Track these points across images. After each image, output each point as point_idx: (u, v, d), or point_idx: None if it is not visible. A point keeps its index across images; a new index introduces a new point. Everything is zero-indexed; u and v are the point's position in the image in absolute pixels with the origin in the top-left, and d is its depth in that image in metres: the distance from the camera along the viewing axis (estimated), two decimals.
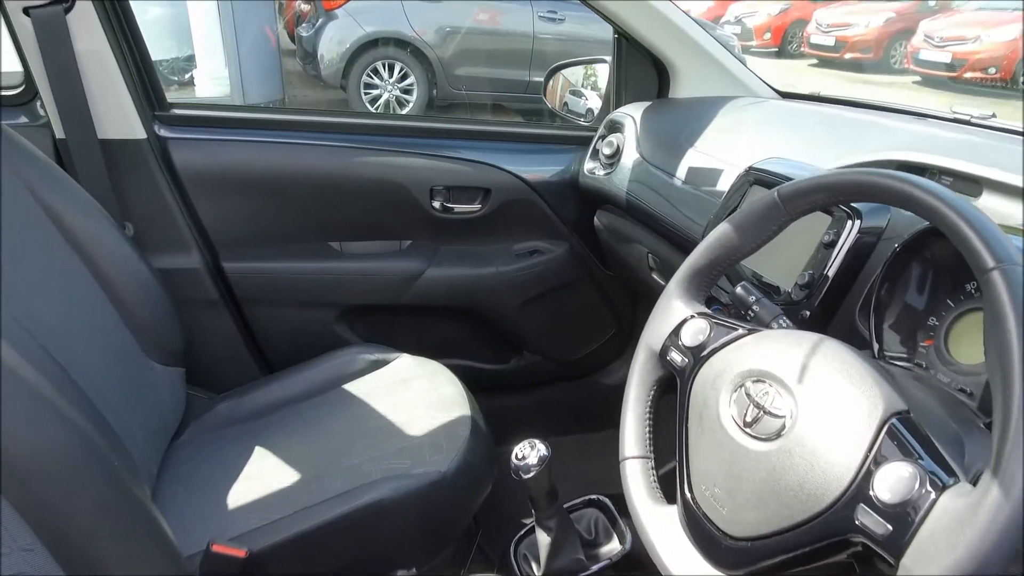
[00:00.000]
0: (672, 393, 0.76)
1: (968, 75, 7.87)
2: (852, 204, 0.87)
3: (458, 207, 1.61)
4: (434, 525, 1.15)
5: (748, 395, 0.63)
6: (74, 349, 1.04)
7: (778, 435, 0.60)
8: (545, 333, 1.77)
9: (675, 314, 0.77)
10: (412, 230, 1.64)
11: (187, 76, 5.91)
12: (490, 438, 1.26)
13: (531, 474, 0.94)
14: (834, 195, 0.68)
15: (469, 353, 1.75)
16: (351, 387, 1.37)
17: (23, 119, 1.39)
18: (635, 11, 1.47)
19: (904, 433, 0.54)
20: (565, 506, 1.05)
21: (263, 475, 1.17)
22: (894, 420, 0.55)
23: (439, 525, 1.16)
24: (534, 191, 1.63)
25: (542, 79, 1.89)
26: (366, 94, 6.04)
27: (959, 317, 0.71)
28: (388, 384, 1.36)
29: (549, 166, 1.67)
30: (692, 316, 0.76)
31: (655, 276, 1.45)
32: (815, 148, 1.20)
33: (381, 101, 6.08)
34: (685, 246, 1.26)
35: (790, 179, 0.99)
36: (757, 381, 0.63)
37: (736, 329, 0.72)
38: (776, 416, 0.61)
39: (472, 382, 1.39)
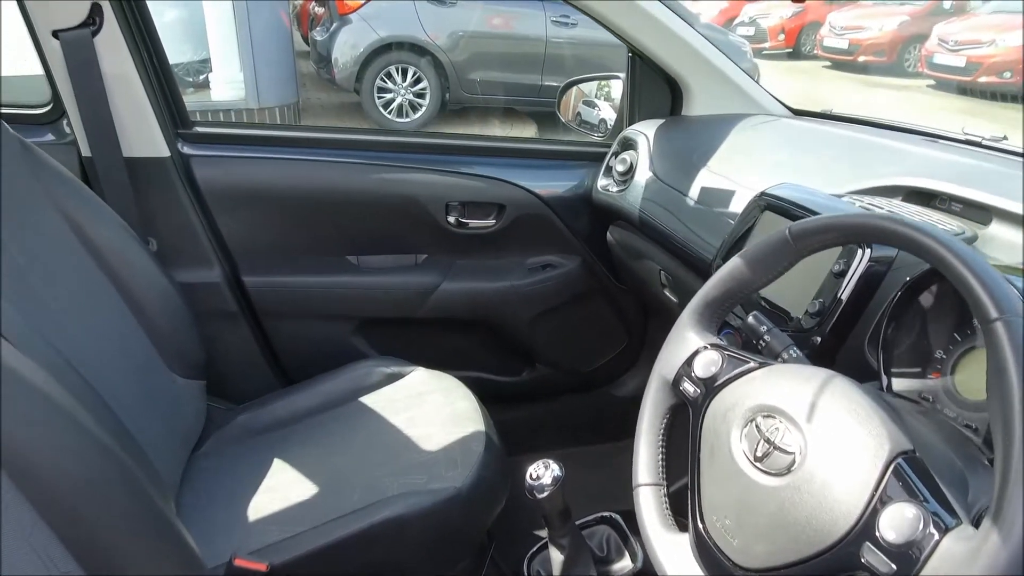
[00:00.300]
0: (684, 410, 0.79)
1: (983, 79, 7.82)
2: None
3: (473, 222, 1.64)
4: (449, 540, 1.17)
5: (759, 430, 0.65)
6: (99, 363, 1.06)
7: (788, 470, 0.62)
8: (558, 345, 1.79)
9: (688, 344, 0.79)
10: (428, 244, 1.67)
11: (201, 78, 5.96)
12: (504, 453, 1.29)
13: (545, 494, 0.96)
14: (844, 236, 0.70)
15: (483, 365, 1.78)
16: (368, 400, 1.39)
17: (50, 137, 1.43)
18: (648, 31, 1.49)
19: (909, 473, 0.56)
20: (577, 523, 1.07)
21: (282, 487, 1.20)
22: (900, 460, 0.57)
23: (454, 540, 1.18)
24: (547, 206, 1.66)
25: (554, 83, 1.92)
26: (379, 98, 6.08)
27: (966, 353, 0.73)
28: (404, 398, 1.39)
29: (562, 181, 1.69)
30: (705, 347, 0.78)
31: (667, 293, 1.47)
32: (826, 171, 1.22)
33: (394, 105, 6.12)
34: (697, 265, 1.28)
35: (801, 206, 1.01)
36: (767, 416, 0.65)
37: (748, 362, 0.74)
38: (786, 452, 0.63)
39: (485, 394, 1.42)
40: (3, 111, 1.37)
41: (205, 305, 1.46)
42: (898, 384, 0.78)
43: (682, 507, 0.75)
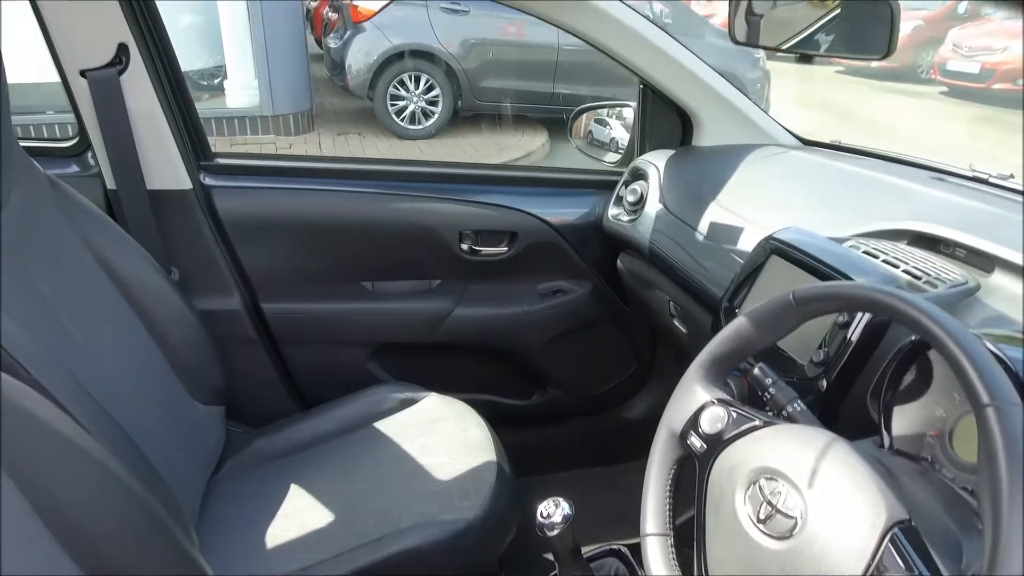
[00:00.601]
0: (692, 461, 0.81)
1: (997, 86, 7.77)
2: None
3: (485, 249, 1.67)
4: (461, 570, 1.20)
5: (761, 492, 0.68)
6: (121, 393, 1.10)
7: (790, 534, 0.65)
8: (568, 369, 1.82)
9: (695, 399, 0.82)
10: (442, 271, 1.70)
11: (216, 81, 6.03)
12: (515, 482, 1.31)
13: (555, 532, 0.99)
14: (846, 304, 0.73)
15: (495, 389, 1.81)
16: (382, 425, 1.42)
17: (75, 168, 1.47)
18: (658, 66, 1.52)
19: (904, 544, 0.59)
20: (586, 555, 1.10)
21: (299, 514, 1.23)
22: (896, 530, 0.60)
23: (466, 570, 1.21)
24: (559, 234, 1.69)
25: (566, 90, 1.96)
26: (392, 105, 6.14)
27: (965, 414, 0.75)
28: (417, 424, 1.42)
29: (573, 209, 1.72)
30: (712, 402, 0.80)
31: (676, 323, 1.49)
32: (834, 210, 1.24)
33: (407, 112, 6.17)
34: (706, 301, 1.30)
35: (807, 252, 1.03)
36: (770, 479, 0.68)
37: (753, 420, 0.76)
38: (787, 516, 0.65)
39: (497, 417, 1.45)
40: (31, 144, 1.41)
41: (224, 332, 1.50)
42: (898, 439, 0.80)
43: (687, 539, 0.78)
